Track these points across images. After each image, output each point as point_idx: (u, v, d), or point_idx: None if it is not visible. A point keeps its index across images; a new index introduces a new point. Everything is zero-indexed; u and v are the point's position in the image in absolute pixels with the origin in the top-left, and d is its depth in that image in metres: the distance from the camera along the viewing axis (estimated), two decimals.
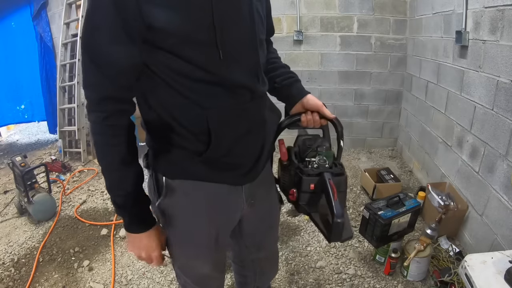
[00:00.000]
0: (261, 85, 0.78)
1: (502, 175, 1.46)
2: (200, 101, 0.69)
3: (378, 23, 2.77)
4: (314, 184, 0.81)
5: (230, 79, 0.69)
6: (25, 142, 4.12)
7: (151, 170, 0.80)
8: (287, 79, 0.93)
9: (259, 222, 0.98)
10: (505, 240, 1.42)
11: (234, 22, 0.68)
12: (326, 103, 0.95)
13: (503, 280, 0.96)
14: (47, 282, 1.70)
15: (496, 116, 1.51)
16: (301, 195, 0.83)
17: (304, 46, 2.96)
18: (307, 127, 0.91)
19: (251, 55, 0.74)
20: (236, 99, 0.72)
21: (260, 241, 1.05)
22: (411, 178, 2.62)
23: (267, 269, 1.20)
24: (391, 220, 1.49)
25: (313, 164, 0.83)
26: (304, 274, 1.70)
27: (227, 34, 0.66)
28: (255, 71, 0.76)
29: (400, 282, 1.59)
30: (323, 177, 0.79)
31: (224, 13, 0.65)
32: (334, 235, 0.76)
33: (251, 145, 0.80)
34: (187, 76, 0.66)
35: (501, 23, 1.44)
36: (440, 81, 2.16)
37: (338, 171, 0.83)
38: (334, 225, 0.73)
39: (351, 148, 3.22)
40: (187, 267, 0.93)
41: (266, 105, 0.83)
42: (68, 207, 2.42)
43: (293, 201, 0.87)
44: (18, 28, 3.57)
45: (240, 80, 0.71)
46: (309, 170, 0.82)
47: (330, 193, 0.75)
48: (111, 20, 0.58)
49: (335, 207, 0.73)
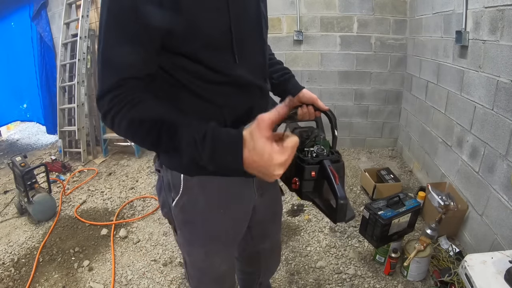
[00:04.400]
0: (266, 84, 0.83)
1: (502, 175, 1.46)
2: (215, 100, 0.71)
3: (378, 23, 2.77)
4: (315, 171, 0.85)
5: (243, 78, 0.72)
6: (25, 142, 4.12)
7: (166, 170, 0.79)
8: (284, 75, 0.98)
9: (266, 210, 1.01)
10: (505, 240, 1.42)
11: (246, 25, 0.71)
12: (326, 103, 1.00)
13: (503, 280, 0.96)
14: (47, 282, 1.70)
15: (496, 116, 1.51)
16: (303, 183, 0.87)
17: (304, 46, 2.96)
18: (302, 119, 0.97)
19: (259, 55, 0.77)
20: (249, 97, 0.76)
21: (265, 229, 1.07)
22: (411, 178, 2.62)
23: (271, 261, 1.22)
24: (391, 220, 1.49)
25: (312, 153, 0.88)
26: (304, 274, 1.70)
27: (240, 37, 0.68)
28: (262, 70, 0.80)
29: (400, 282, 1.59)
30: (323, 164, 0.84)
31: (239, 17, 0.67)
32: (339, 216, 0.80)
33: None
34: (202, 78, 0.68)
35: (501, 23, 1.44)
36: (440, 81, 2.16)
37: (336, 158, 0.88)
38: (338, 206, 0.78)
39: (351, 148, 3.22)
40: (206, 265, 0.93)
41: (270, 102, 0.88)
42: (68, 207, 2.42)
43: (296, 190, 0.91)
44: (18, 28, 3.57)
45: (251, 79, 0.74)
46: (309, 159, 0.86)
47: (331, 178, 0.80)
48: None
49: (338, 190, 0.78)
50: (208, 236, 0.86)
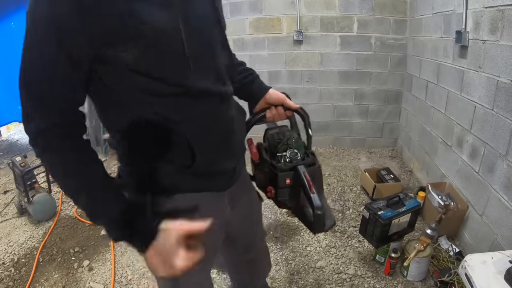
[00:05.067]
0: (227, 87, 0.75)
1: (502, 175, 1.46)
2: (171, 116, 0.64)
3: (378, 23, 2.77)
4: (290, 178, 0.81)
5: (197, 87, 0.65)
6: (25, 142, 4.11)
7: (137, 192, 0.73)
8: (247, 77, 0.91)
9: (243, 222, 0.97)
10: (505, 240, 1.42)
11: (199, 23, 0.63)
12: (326, 103, 0.96)
13: (503, 280, 0.96)
14: (47, 282, 1.70)
15: (496, 116, 1.51)
16: (278, 191, 0.83)
17: (304, 46, 2.96)
18: (273, 121, 0.92)
19: (215, 58, 0.70)
20: (207, 106, 0.69)
21: (247, 241, 1.03)
22: (411, 178, 2.62)
23: (260, 267, 1.19)
24: (391, 220, 1.49)
25: (285, 159, 0.83)
26: (304, 274, 1.70)
27: (192, 37, 0.61)
28: (219, 74, 0.72)
29: (400, 282, 1.59)
30: (298, 171, 0.79)
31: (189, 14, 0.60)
32: (316, 226, 0.77)
33: (230, 148, 0.78)
34: (152, 93, 0.61)
35: (501, 23, 1.44)
36: (440, 81, 2.16)
37: (311, 161, 0.83)
38: (315, 217, 0.74)
39: (351, 148, 3.22)
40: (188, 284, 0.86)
41: (233, 105, 0.81)
42: (68, 207, 2.42)
43: (272, 198, 0.87)
44: (18, 28, 3.56)
45: (207, 86, 0.67)
46: (282, 166, 0.81)
47: (306, 186, 0.75)
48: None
49: (314, 199, 0.74)
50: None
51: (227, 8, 2.97)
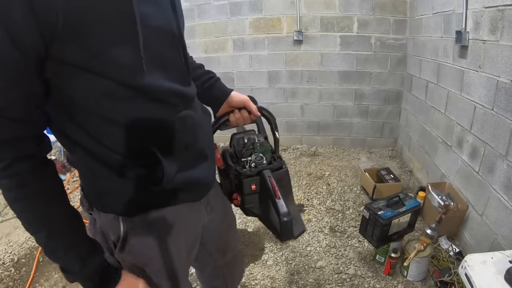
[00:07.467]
0: (190, 88, 0.70)
1: (502, 175, 1.46)
2: (130, 124, 0.58)
3: (378, 23, 2.77)
4: (255, 184, 0.77)
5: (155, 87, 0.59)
6: None
7: (98, 213, 0.68)
8: (207, 81, 0.87)
9: (218, 224, 0.94)
10: (505, 240, 1.42)
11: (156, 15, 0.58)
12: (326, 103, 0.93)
13: (503, 280, 0.96)
14: (47, 282, 1.70)
15: (496, 116, 1.51)
16: (244, 198, 0.79)
17: (304, 46, 2.96)
18: (238, 125, 0.88)
19: (176, 55, 0.64)
20: (169, 110, 0.63)
21: (222, 244, 1.01)
22: (411, 178, 2.62)
23: (236, 271, 1.16)
24: (391, 220, 1.49)
25: (251, 164, 0.79)
26: (304, 274, 1.70)
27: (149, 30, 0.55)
28: (181, 73, 0.66)
29: (400, 282, 1.59)
30: (263, 176, 0.76)
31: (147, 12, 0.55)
32: (284, 234, 0.73)
33: (200, 154, 0.73)
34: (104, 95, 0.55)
35: (501, 23, 1.44)
36: (440, 81, 2.16)
37: (277, 165, 0.80)
38: (282, 224, 0.70)
39: (351, 148, 3.22)
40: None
41: (199, 107, 0.76)
42: None
43: (239, 205, 0.83)
44: None
45: (167, 87, 0.61)
46: (247, 171, 0.77)
47: (271, 192, 0.72)
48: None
49: (279, 205, 0.70)
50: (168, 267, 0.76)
51: (227, 8, 2.97)
